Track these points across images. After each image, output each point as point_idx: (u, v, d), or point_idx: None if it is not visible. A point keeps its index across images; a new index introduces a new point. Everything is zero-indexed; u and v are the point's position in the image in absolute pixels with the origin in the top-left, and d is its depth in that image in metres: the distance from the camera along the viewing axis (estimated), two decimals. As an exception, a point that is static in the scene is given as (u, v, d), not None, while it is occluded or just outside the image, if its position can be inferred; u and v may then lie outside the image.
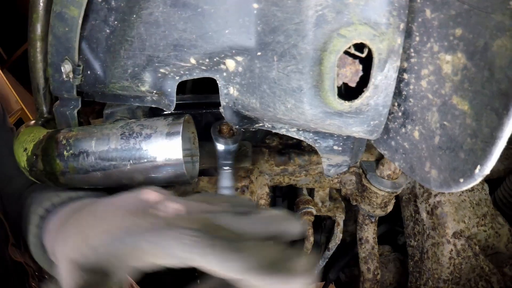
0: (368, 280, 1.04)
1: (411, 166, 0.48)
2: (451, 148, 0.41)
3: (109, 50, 0.59)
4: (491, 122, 0.35)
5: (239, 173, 0.82)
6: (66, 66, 0.60)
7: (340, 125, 0.49)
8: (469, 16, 0.37)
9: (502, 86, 0.34)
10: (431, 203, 0.91)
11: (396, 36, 0.43)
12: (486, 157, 0.36)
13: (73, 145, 0.58)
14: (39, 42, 0.66)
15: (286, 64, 0.46)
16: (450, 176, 0.41)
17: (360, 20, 0.42)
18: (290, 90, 0.47)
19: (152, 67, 0.56)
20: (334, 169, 0.62)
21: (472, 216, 0.89)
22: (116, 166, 0.57)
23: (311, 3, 0.42)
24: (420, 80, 0.44)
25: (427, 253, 0.93)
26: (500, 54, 0.34)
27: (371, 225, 1.01)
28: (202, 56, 0.52)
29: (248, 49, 0.49)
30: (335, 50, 0.42)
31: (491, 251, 0.89)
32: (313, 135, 0.59)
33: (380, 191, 0.86)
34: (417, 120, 0.46)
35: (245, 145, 0.85)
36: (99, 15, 0.58)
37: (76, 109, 0.66)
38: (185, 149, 0.58)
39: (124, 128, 0.58)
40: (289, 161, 0.89)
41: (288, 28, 0.44)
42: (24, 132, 0.65)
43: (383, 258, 1.20)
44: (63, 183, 0.61)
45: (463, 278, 0.88)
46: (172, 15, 0.50)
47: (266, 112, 0.52)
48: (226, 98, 0.55)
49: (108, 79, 0.61)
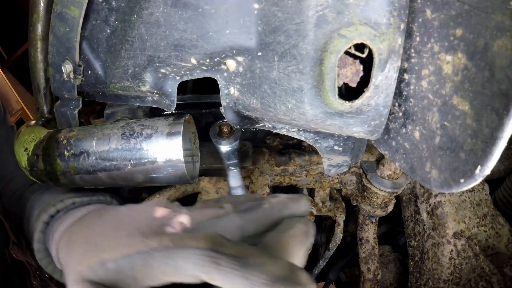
0: (369, 280, 1.04)
1: (412, 166, 0.48)
2: (451, 148, 0.41)
3: (110, 50, 0.59)
4: (492, 123, 0.35)
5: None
6: (66, 66, 0.60)
7: (341, 125, 0.49)
8: (469, 16, 0.37)
9: (502, 86, 0.34)
10: (431, 203, 0.91)
11: (397, 36, 0.43)
12: (487, 157, 0.36)
13: (74, 145, 0.58)
14: (40, 42, 0.66)
15: (286, 64, 0.46)
16: (451, 177, 0.41)
17: (360, 20, 0.42)
18: (290, 90, 0.47)
19: (152, 67, 0.56)
20: (334, 169, 0.63)
21: (473, 216, 0.89)
22: (116, 166, 0.57)
23: (311, 3, 0.42)
24: (420, 81, 0.44)
25: (428, 253, 0.93)
26: (500, 54, 0.34)
27: (371, 225, 1.01)
28: (203, 56, 0.52)
29: (248, 49, 0.49)
30: (335, 50, 0.42)
31: (491, 251, 0.89)
32: (313, 135, 0.59)
33: (380, 191, 0.86)
34: (417, 121, 0.46)
35: (246, 145, 0.85)
36: (99, 15, 0.58)
37: (76, 109, 0.66)
38: (185, 149, 0.58)
39: (125, 128, 0.58)
40: (290, 161, 0.89)
41: (288, 28, 0.44)
42: (25, 132, 0.66)
43: (384, 258, 1.20)
44: (63, 183, 0.62)
45: (463, 279, 0.88)
46: (173, 15, 0.50)
47: (267, 112, 0.52)
48: (226, 98, 0.55)
49: (108, 79, 0.61)
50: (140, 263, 0.36)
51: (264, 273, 0.32)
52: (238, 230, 0.39)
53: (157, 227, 0.39)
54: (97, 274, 0.38)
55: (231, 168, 0.72)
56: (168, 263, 0.34)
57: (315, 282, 0.35)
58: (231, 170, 0.72)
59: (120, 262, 0.37)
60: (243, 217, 0.39)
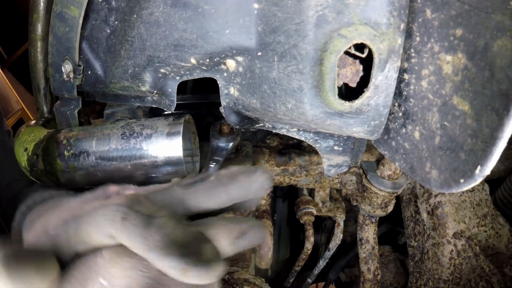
0: (369, 280, 1.04)
1: (412, 166, 0.48)
2: (451, 148, 0.41)
3: (110, 50, 0.59)
4: (492, 123, 0.35)
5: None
6: (66, 66, 0.60)
7: (341, 125, 0.49)
8: (469, 16, 0.37)
9: (502, 87, 0.34)
10: (431, 204, 0.91)
11: (397, 36, 0.43)
12: (487, 157, 0.36)
13: (74, 145, 0.58)
14: (40, 42, 0.66)
15: (286, 64, 0.46)
16: (451, 177, 0.41)
17: (360, 20, 0.42)
18: (290, 90, 0.47)
19: (152, 67, 0.56)
20: (334, 169, 0.62)
21: (473, 216, 0.89)
22: (116, 166, 0.57)
23: (311, 3, 0.42)
24: (420, 81, 0.44)
25: (428, 254, 0.93)
26: (500, 54, 0.34)
27: (371, 226, 1.01)
28: (203, 56, 0.52)
29: (248, 49, 0.49)
30: (335, 50, 0.42)
31: (491, 251, 0.89)
32: (313, 135, 0.59)
33: (380, 191, 0.86)
34: (417, 121, 0.46)
35: (246, 145, 0.85)
36: (99, 15, 0.58)
37: (76, 109, 0.66)
38: (185, 149, 0.58)
39: (125, 128, 0.58)
40: (290, 161, 0.89)
41: (288, 28, 0.44)
42: (25, 132, 0.66)
43: (384, 258, 1.20)
44: (63, 183, 0.62)
45: (463, 279, 0.88)
46: (173, 15, 0.50)
47: (267, 112, 0.52)
48: (226, 98, 0.55)
49: (108, 79, 0.61)
50: (72, 226, 0.35)
51: (164, 236, 0.31)
52: (179, 201, 0.37)
53: (103, 198, 0.39)
54: (40, 239, 0.38)
55: (211, 164, 0.71)
56: (90, 222, 0.34)
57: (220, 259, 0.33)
58: (210, 165, 0.71)
59: (57, 228, 0.37)
60: (186, 189, 0.38)
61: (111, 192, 0.41)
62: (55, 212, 0.41)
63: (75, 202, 0.41)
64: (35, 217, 0.46)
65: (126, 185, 0.42)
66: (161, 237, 0.31)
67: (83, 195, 0.44)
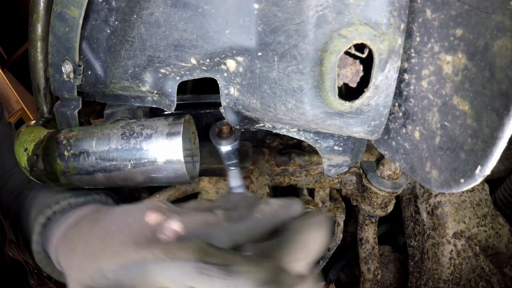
0: (368, 280, 1.04)
1: (412, 166, 0.48)
2: (451, 148, 0.41)
3: (110, 50, 0.59)
4: (492, 123, 0.35)
5: (240, 173, 0.82)
6: (66, 66, 0.60)
7: (341, 125, 0.49)
8: (469, 16, 0.37)
9: (502, 87, 0.34)
10: (431, 204, 0.91)
11: (397, 36, 0.43)
12: (487, 157, 0.36)
13: (74, 145, 0.58)
14: (40, 42, 0.66)
15: (286, 65, 0.46)
16: (451, 177, 0.41)
17: (360, 21, 0.42)
18: (290, 90, 0.47)
19: (152, 67, 0.56)
20: (334, 169, 0.63)
21: (473, 216, 0.89)
22: (116, 166, 0.57)
23: (311, 4, 0.42)
24: (420, 81, 0.44)
25: (428, 254, 0.93)
26: (500, 54, 0.34)
27: (371, 225, 1.01)
28: (203, 56, 0.52)
29: (248, 49, 0.49)
30: (335, 50, 0.42)
31: (491, 251, 0.89)
32: (313, 135, 0.59)
33: (380, 191, 0.86)
34: (417, 121, 0.46)
35: (246, 145, 0.85)
36: (99, 15, 0.58)
37: (76, 109, 0.66)
38: (185, 149, 0.58)
39: (125, 128, 0.58)
40: (290, 161, 0.89)
41: (288, 28, 0.44)
42: (25, 132, 0.66)
43: (383, 258, 1.20)
44: (63, 183, 0.62)
45: (463, 279, 0.88)
46: (173, 15, 0.50)
47: (267, 112, 0.52)
48: (226, 98, 0.55)
49: (108, 79, 0.61)
50: (137, 273, 0.39)
51: (250, 279, 0.34)
52: (229, 239, 0.40)
53: (150, 234, 0.41)
54: (97, 282, 0.41)
55: (231, 168, 0.72)
56: (161, 274, 0.37)
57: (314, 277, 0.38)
58: (231, 170, 0.72)
59: (118, 272, 0.40)
60: (234, 227, 0.41)
61: (155, 223, 0.42)
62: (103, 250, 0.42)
63: (123, 239, 0.42)
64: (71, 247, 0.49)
65: (166, 211, 0.44)
66: (248, 280, 0.34)
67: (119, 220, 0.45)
